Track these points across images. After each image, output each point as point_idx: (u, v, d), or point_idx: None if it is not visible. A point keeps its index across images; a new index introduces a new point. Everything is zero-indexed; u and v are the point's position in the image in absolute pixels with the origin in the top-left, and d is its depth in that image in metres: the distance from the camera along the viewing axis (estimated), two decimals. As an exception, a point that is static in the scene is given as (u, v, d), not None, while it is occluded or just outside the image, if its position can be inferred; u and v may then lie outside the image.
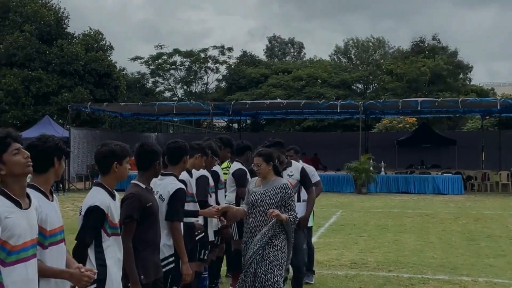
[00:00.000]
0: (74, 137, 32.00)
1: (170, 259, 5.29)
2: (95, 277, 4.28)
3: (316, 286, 8.78)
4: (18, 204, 3.32)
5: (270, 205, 6.29)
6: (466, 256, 11.28)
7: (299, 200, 7.86)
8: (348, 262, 10.71)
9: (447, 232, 14.61)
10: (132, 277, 4.73)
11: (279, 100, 37.91)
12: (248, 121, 54.01)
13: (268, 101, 33.94)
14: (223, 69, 60.79)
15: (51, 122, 34.18)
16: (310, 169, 9.06)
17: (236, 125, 53.22)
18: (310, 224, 8.43)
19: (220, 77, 61.12)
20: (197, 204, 6.56)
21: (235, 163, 8.55)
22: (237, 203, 8.27)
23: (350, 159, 28.06)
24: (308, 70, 53.71)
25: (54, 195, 3.87)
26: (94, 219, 4.28)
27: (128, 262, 4.69)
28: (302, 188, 8.06)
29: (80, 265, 3.82)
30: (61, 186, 28.20)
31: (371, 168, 27.71)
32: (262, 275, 6.22)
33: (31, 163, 3.43)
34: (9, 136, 3.41)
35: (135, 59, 59.48)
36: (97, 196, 4.38)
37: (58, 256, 3.72)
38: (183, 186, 5.55)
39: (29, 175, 3.59)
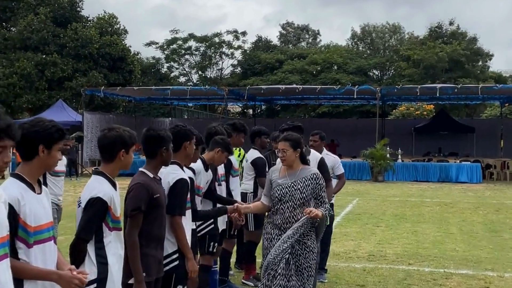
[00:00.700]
0: (87, 122, 31.78)
1: (174, 256, 4.84)
2: (87, 280, 3.88)
3: (333, 280, 8.36)
4: None
5: (301, 200, 5.49)
6: (489, 249, 10.79)
7: None
8: (366, 254, 10.27)
9: (468, 223, 14.12)
10: (136, 275, 4.33)
11: (294, 85, 37.39)
12: (263, 107, 53.55)
13: (283, 86, 33.41)
14: (238, 54, 60.32)
15: (64, 106, 34.02)
16: (336, 160, 8.60)
17: (251, 111, 52.76)
18: None
19: (235, 62, 60.66)
20: (200, 198, 6.13)
21: (251, 150, 8.16)
22: (255, 192, 7.88)
23: (366, 146, 27.60)
24: (323, 55, 53.09)
25: (43, 187, 3.43)
26: (96, 212, 3.85)
27: (133, 258, 4.30)
28: None
29: (72, 266, 3.39)
30: (74, 170, 27.98)
31: (388, 155, 27.19)
32: (291, 278, 5.44)
33: (5, 169, 2.97)
34: (5, 131, 2.94)
35: (149, 44, 59.12)
36: (99, 187, 3.93)
37: (45, 256, 3.30)
38: (185, 176, 5.05)
39: None
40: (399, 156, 28.57)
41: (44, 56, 38.01)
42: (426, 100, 39.33)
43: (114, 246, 3.95)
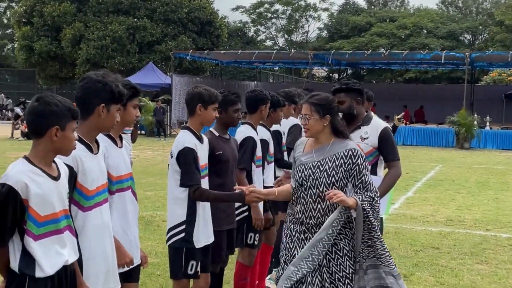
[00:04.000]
0: (175, 84, 32.65)
1: (243, 208, 5.22)
2: (177, 222, 4.37)
3: (408, 242, 8.54)
4: (90, 149, 3.31)
5: (329, 186, 3.93)
6: None
7: (373, 174, 4.95)
8: (444, 218, 10.35)
9: (554, 192, 13.81)
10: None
11: (382, 50, 36.91)
12: (349, 71, 53.14)
13: (368, 52, 33.08)
14: (324, 16, 59.98)
15: (154, 69, 35.11)
16: None
17: (336, 75, 52.54)
18: (381, 213, 4.70)
19: (321, 25, 60.34)
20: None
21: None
22: None
23: (453, 113, 27.03)
24: (413, 19, 51.89)
25: (124, 142, 3.85)
26: (191, 160, 4.33)
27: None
28: (380, 159, 5.15)
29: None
30: (162, 131, 29.04)
31: (475, 122, 26.59)
32: None
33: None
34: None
35: (236, 8, 59.62)
36: (184, 139, 4.42)
37: (125, 203, 3.73)
38: (253, 135, 5.33)
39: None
40: (487, 123, 27.87)
41: (135, 20, 39.24)
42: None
43: None
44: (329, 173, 3.94)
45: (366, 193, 3.93)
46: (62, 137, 2.89)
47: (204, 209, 4.48)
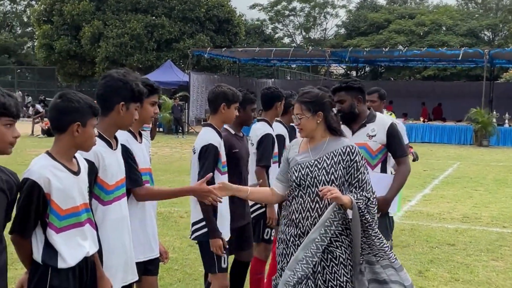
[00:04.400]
0: (193, 82, 32.80)
1: (260, 204, 5.32)
2: (197, 219, 4.46)
3: (424, 238, 8.58)
4: (109, 145, 3.44)
5: (329, 183, 3.80)
6: None
7: (384, 171, 4.94)
8: (460, 216, 10.36)
9: None
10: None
11: (400, 47, 36.75)
12: (367, 68, 52.99)
13: (386, 49, 32.99)
14: (342, 13, 59.94)
15: (172, 67, 35.29)
16: (401, 127, 6.04)
17: (354, 73, 52.42)
18: (393, 211, 5.10)
19: (340, 22, 60.24)
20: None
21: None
22: None
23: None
24: (432, 16, 51.58)
25: (143, 139, 3.96)
26: (212, 156, 4.43)
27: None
28: (389, 156, 5.00)
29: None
30: (180, 128, 29.21)
31: (494, 120, 26.41)
32: None
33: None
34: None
35: (254, 6, 59.71)
36: (208, 136, 4.53)
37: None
38: (271, 132, 5.43)
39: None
40: (506, 121, 27.68)
41: (153, 18, 39.50)
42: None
43: None
44: (328, 170, 3.80)
45: (361, 192, 3.78)
46: (83, 133, 3.00)
47: (225, 205, 4.57)
